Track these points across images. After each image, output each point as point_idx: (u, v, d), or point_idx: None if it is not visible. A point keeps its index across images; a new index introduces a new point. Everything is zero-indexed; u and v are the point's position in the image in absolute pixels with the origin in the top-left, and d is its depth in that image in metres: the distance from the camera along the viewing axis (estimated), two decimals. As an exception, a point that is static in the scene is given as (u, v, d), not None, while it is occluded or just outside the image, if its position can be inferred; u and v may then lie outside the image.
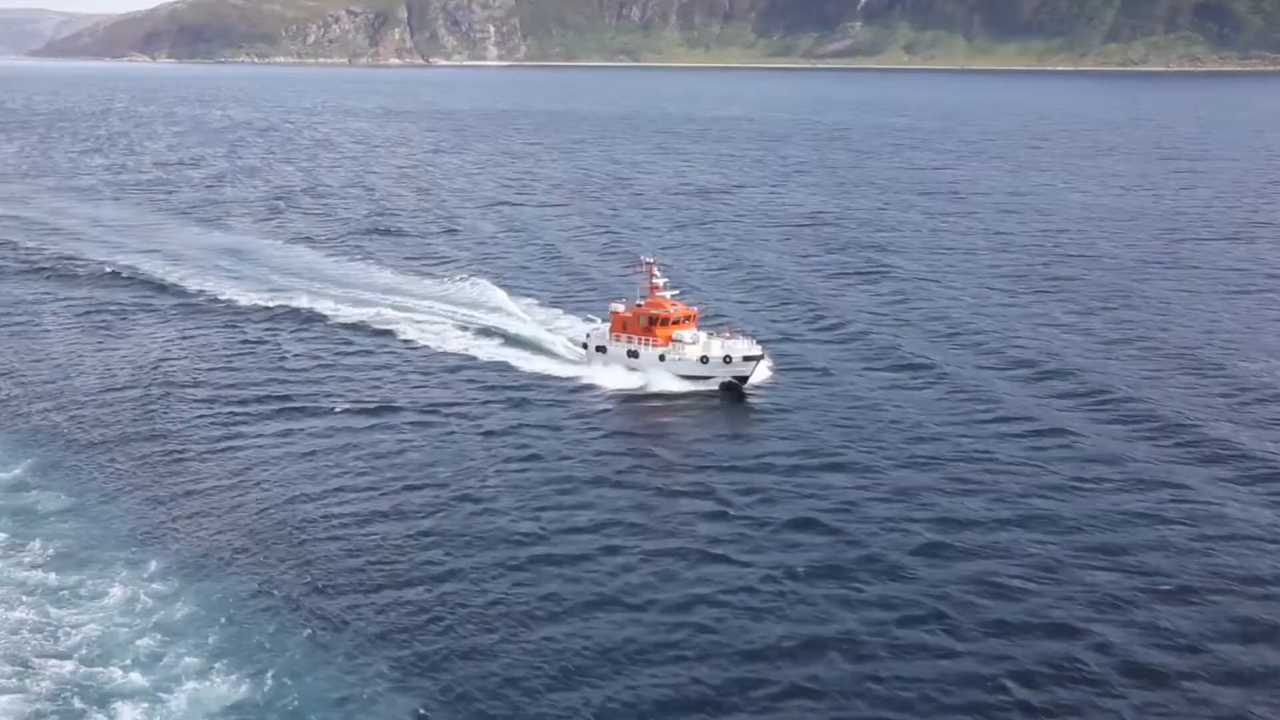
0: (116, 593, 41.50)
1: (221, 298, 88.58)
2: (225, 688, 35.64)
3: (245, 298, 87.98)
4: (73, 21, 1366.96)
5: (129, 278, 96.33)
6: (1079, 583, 42.39)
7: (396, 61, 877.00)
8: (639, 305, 70.18)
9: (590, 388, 66.19)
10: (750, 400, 64.56)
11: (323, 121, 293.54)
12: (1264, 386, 66.31)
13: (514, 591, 41.82)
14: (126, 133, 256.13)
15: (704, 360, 66.06)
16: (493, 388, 66.13)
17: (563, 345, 73.62)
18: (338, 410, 62.22)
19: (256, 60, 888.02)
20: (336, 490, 51.29)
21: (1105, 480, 52.03)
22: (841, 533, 46.51)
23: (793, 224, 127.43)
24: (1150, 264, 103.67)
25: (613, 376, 67.37)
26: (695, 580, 42.60)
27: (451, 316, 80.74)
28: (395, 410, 62.36)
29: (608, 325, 71.06)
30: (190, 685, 35.74)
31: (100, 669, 36.64)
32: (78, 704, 34.82)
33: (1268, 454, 55.34)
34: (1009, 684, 35.98)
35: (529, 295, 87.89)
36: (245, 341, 76.75)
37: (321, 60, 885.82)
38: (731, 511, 48.68)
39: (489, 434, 58.41)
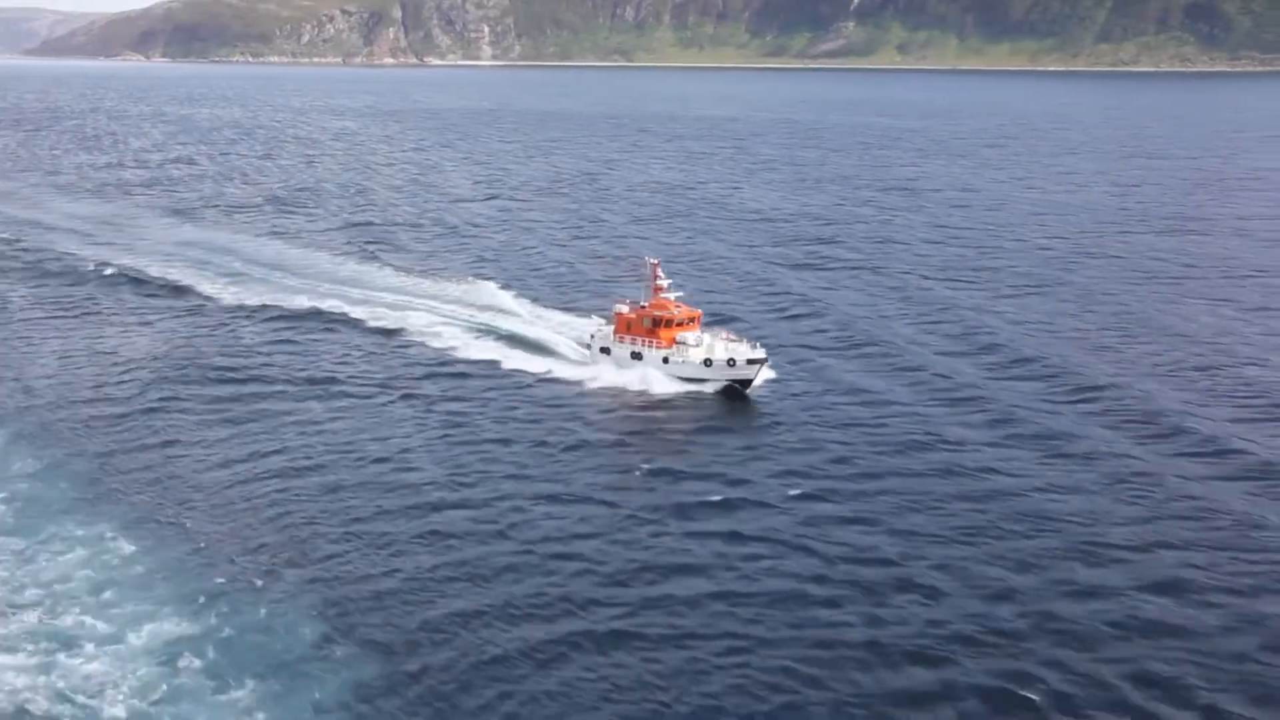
0: (80, 551, 45.22)
1: (201, 293, 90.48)
2: (175, 630, 39.25)
3: (224, 294, 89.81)
4: (68, 20, 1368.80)
5: (101, 271, 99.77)
6: (1077, 584, 42.28)
7: (391, 61, 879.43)
8: (643, 307, 69.49)
9: (593, 389, 65.75)
10: (753, 403, 63.82)
11: (308, 120, 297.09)
12: (1150, 359, 70.67)
13: (510, 591, 41.56)
14: (113, 131, 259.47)
15: (707, 363, 65.34)
16: (495, 388, 65.84)
17: (566, 346, 72.85)
18: (336, 408, 62.27)
19: (251, 60, 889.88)
20: (333, 488, 51.25)
21: (1101, 476, 52.22)
22: (843, 542, 45.82)
23: (750, 219, 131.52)
24: (1081, 254, 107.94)
25: (616, 378, 66.71)
26: (695, 582, 42.30)
27: (453, 316, 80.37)
28: (394, 410, 62.18)
29: (612, 326, 70.52)
30: (146, 628, 39.36)
31: (61, 617, 40.05)
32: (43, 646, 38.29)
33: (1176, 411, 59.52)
34: (1009, 687, 35.75)
35: (528, 294, 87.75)
36: (238, 338, 77.76)
37: (316, 60, 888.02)
38: (732, 514, 48.30)
39: (490, 434, 58.10)
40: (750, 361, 64.58)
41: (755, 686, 35.92)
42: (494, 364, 70.13)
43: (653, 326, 67.95)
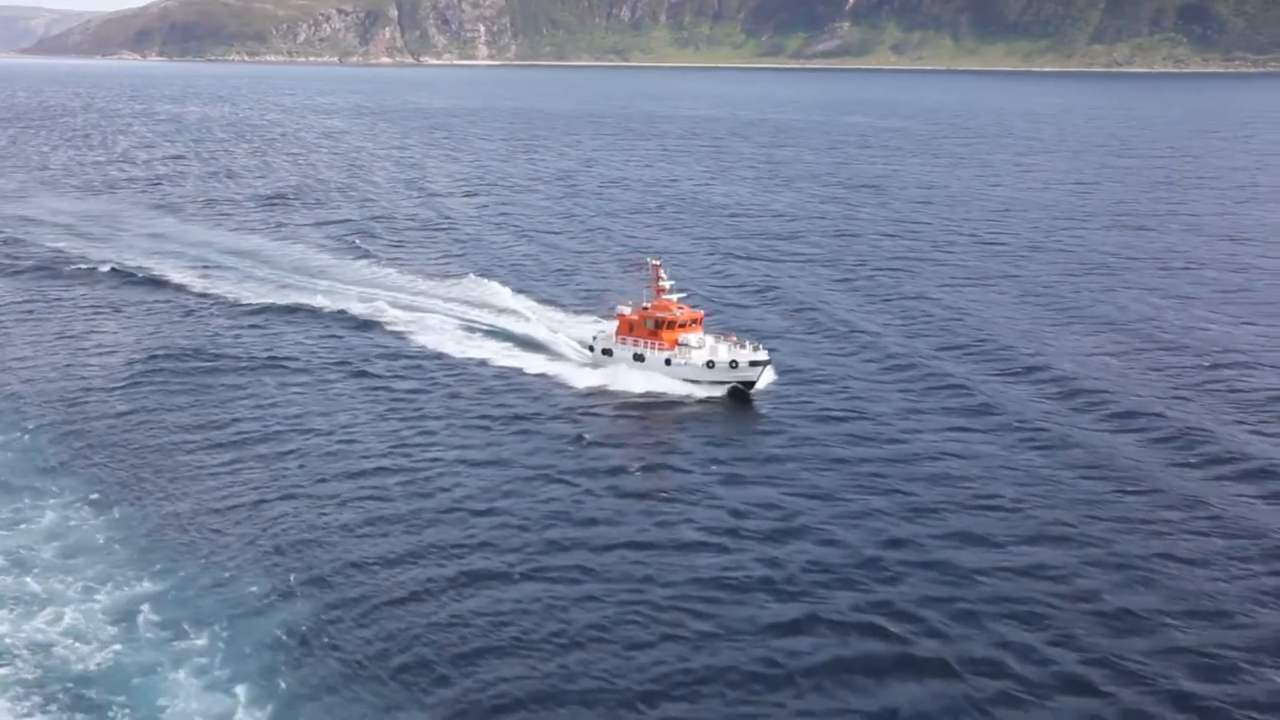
0: (50, 517, 48.52)
1: (176, 285, 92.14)
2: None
3: (196, 284, 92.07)
4: (65, 19, 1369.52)
5: (81, 264, 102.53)
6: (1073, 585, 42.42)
7: (387, 60, 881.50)
8: (645, 308, 69.09)
9: (595, 391, 65.32)
10: (755, 406, 63.47)
11: (296, 119, 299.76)
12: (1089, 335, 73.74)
13: (505, 591, 41.88)
14: (103, 128, 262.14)
15: (710, 365, 64.81)
16: (496, 389, 65.62)
17: (568, 347, 72.46)
18: (333, 407, 62.46)
19: (247, 59, 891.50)
20: (329, 486, 51.55)
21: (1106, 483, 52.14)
22: (845, 545, 45.76)
23: (715, 214, 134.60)
24: (1030, 249, 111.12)
25: (618, 380, 66.12)
26: (693, 585, 42.25)
27: (454, 315, 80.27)
28: (393, 409, 62.13)
29: (614, 327, 70.09)
30: (109, 588, 42.52)
31: (32, 580, 43.05)
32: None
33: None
34: (1008, 691, 35.92)
35: (527, 293, 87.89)
36: (212, 327, 79.19)
37: (312, 59, 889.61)
38: (732, 518, 48.02)
39: (490, 435, 57.99)
40: (753, 363, 63.99)
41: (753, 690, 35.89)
42: (494, 364, 69.79)
43: (655, 328, 67.37)
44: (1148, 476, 52.73)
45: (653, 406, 63.68)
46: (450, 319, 79.90)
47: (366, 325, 79.58)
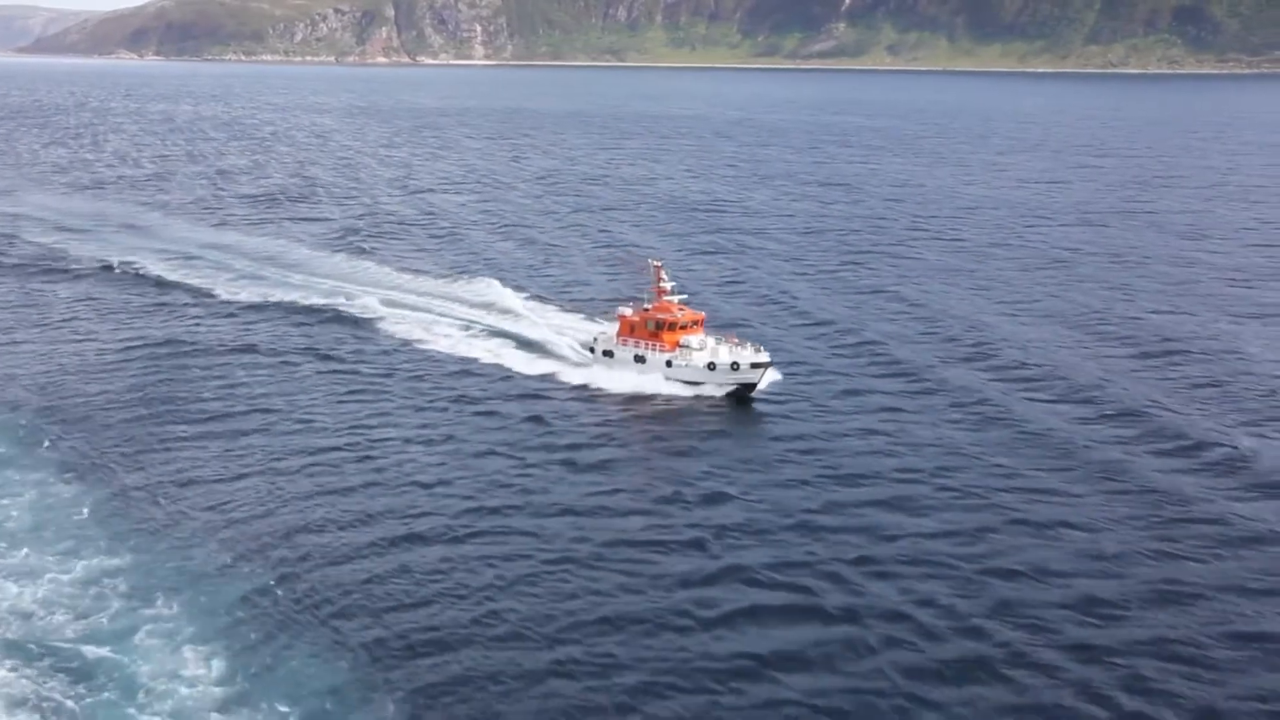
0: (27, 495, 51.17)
1: (164, 280, 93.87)
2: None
3: (178, 278, 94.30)
4: (62, 18, 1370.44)
5: (62, 259, 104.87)
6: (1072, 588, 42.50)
7: (384, 60, 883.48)
8: (646, 309, 68.74)
9: (596, 393, 64.93)
10: (757, 408, 63.25)
11: (287, 118, 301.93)
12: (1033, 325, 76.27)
13: (501, 592, 41.97)
14: (94, 126, 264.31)
15: (711, 367, 64.39)
16: (496, 390, 65.38)
17: (569, 348, 71.95)
18: (330, 407, 62.51)
19: (244, 58, 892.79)
20: (325, 485, 51.88)
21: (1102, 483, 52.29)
22: (844, 545, 45.70)
23: (687, 210, 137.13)
24: (993, 244, 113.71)
25: (619, 382, 65.72)
26: (692, 589, 42.23)
27: (453, 315, 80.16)
28: (391, 409, 62.25)
29: (615, 329, 69.82)
30: (80, 560, 45.24)
31: (7, 554, 45.54)
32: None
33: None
34: (1007, 692, 35.90)
35: (525, 292, 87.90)
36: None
37: (309, 59, 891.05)
38: (732, 522, 47.80)
39: (490, 436, 57.94)
40: (754, 365, 63.61)
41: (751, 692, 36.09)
42: (493, 365, 69.74)
43: (656, 329, 67.02)
44: (1071, 446, 55.39)
45: (652, 408, 63.24)
46: (449, 319, 79.44)
47: (357, 322, 79.84)
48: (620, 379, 66.08)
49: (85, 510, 49.19)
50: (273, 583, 42.73)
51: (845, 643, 38.51)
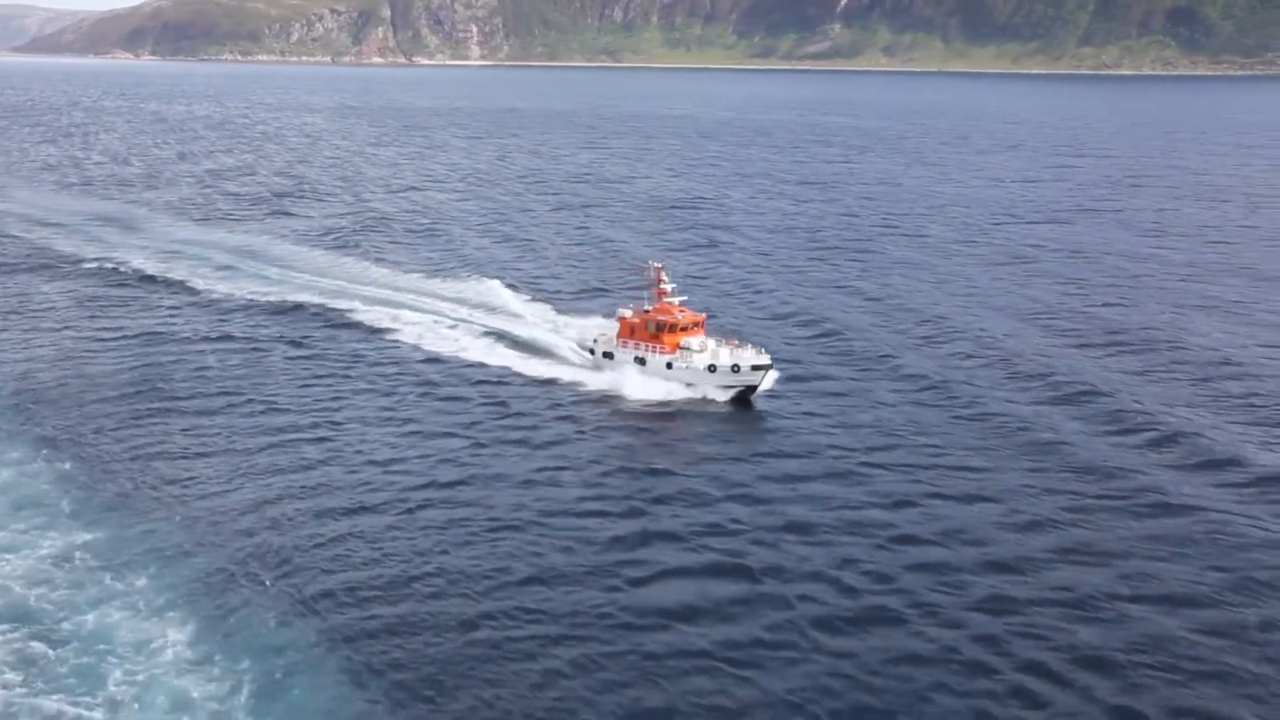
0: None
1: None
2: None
3: (164, 276, 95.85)
4: (59, 18, 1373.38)
5: (44, 254, 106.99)
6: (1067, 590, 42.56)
7: (380, 60, 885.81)
8: (646, 311, 68.22)
9: (595, 394, 64.61)
10: (757, 410, 63.07)
11: (278, 117, 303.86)
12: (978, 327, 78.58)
13: (496, 595, 42.11)
14: (84, 125, 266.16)
15: (712, 369, 64.05)
16: (496, 392, 65.13)
17: (569, 349, 71.69)
18: (329, 407, 62.51)
19: (240, 58, 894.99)
20: (323, 486, 51.94)
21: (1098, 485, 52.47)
22: (843, 548, 45.79)
23: (660, 208, 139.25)
24: (962, 241, 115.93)
25: (619, 383, 65.29)
26: (690, 592, 42.19)
27: (457, 316, 79.91)
28: (390, 410, 62.23)
29: (615, 330, 69.43)
30: (52, 536, 47.51)
31: None
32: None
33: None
34: (1006, 697, 35.98)
35: (527, 294, 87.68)
36: (228, 336, 78.90)
37: (305, 59, 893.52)
38: (732, 526, 47.66)
39: (489, 438, 57.82)
40: (755, 367, 63.27)
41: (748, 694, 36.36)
42: (492, 366, 69.53)
43: (656, 331, 66.62)
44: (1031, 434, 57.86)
45: (652, 410, 63.11)
46: (446, 320, 79.25)
47: (348, 322, 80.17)
48: (620, 381, 65.34)
49: (60, 489, 51.41)
50: (234, 554, 45.12)
51: (845, 642, 38.85)
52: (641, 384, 65.04)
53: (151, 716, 35.08)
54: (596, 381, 66.34)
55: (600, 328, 73.51)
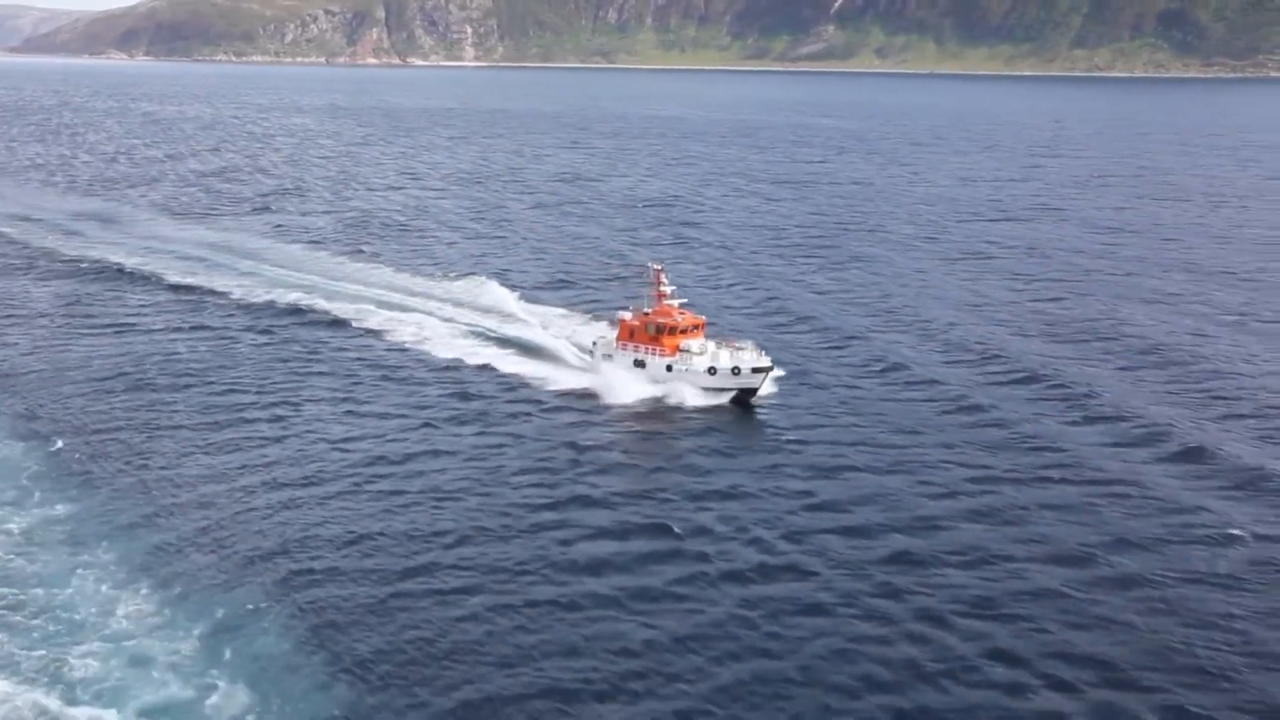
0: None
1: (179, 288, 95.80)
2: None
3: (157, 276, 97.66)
4: (54, 18, 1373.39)
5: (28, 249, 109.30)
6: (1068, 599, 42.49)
7: (374, 61, 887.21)
8: (646, 313, 67.91)
9: (595, 398, 64.37)
10: (757, 413, 62.94)
11: (267, 118, 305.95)
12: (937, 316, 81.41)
13: (492, 595, 42.16)
14: (73, 125, 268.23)
15: (712, 371, 63.81)
16: (492, 393, 65.10)
17: (569, 352, 71.45)
18: (327, 409, 62.62)
19: (234, 59, 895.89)
20: (322, 487, 52.20)
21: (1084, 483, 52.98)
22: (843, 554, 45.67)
23: (633, 206, 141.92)
24: (922, 239, 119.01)
25: (618, 386, 64.99)
26: (688, 596, 42.11)
27: (450, 317, 79.93)
28: (389, 411, 62.28)
29: (615, 333, 69.18)
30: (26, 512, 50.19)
31: None
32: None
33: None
34: (1003, 700, 36.10)
35: (527, 296, 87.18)
36: (199, 326, 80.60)
37: (299, 59, 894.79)
38: (732, 529, 47.50)
39: (488, 441, 57.68)
40: (756, 370, 63.14)
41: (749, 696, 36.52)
42: (491, 368, 69.43)
43: (656, 334, 66.36)
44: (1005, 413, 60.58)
45: (652, 413, 62.97)
46: (445, 321, 79.14)
47: (343, 322, 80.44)
48: (619, 384, 65.17)
49: (27, 469, 54.13)
50: (188, 526, 48.08)
51: (851, 642, 39.23)
52: (640, 387, 64.74)
53: (116, 674, 37.60)
54: (590, 383, 66.01)
55: (587, 327, 74.64)
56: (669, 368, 65.27)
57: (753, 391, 63.57)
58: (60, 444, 57.12)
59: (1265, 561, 44.60)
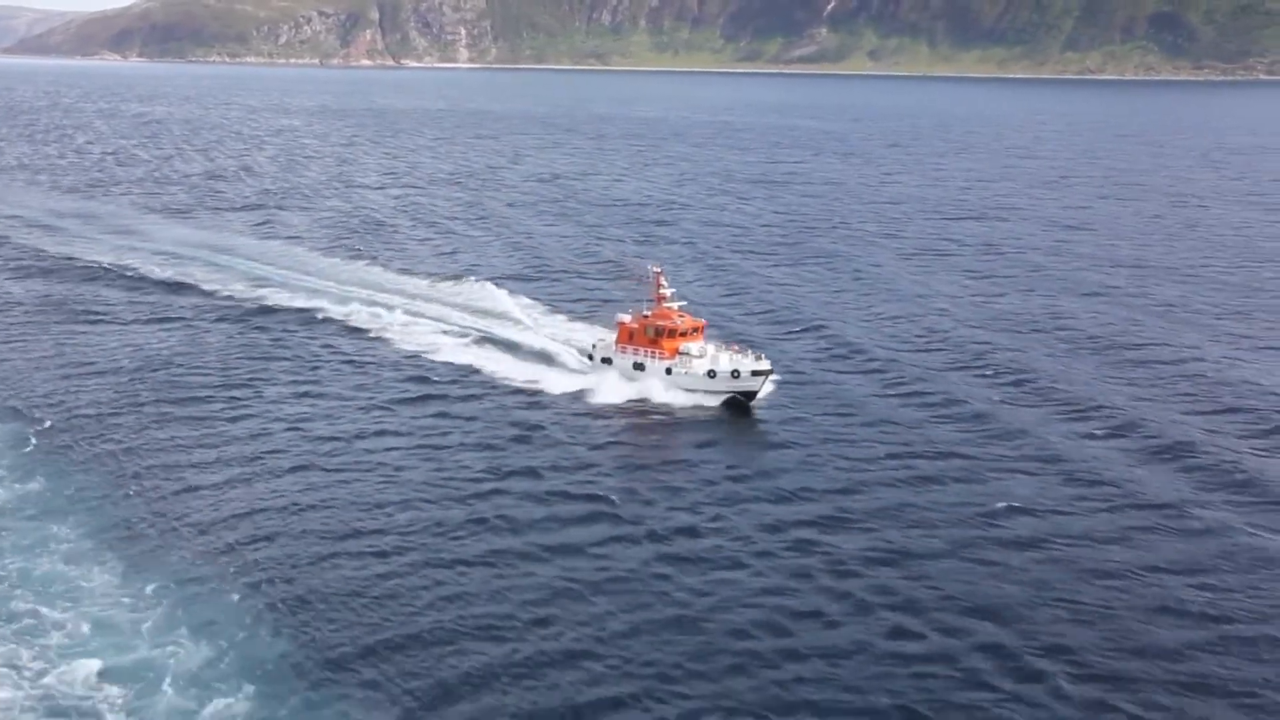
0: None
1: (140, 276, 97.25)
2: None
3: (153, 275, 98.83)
4: (47, 19, 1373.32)
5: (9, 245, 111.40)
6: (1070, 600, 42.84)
7: (368, 62, 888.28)
8: (645, 316, 67.95)
9: (595, 400, 64.15)
10: (756, 416, 62.92)
11: (256, 119, 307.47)
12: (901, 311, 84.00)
13: (490, 597, 42.45)
14: (62, 125, 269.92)
15: (711, 374, 63.81)
16: (492, 396, 64.92)
17: (568, 354, 71.33)
18: (326, 411, 62.65)
19: (228, 60, 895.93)
20: (320, 487, 52.39)
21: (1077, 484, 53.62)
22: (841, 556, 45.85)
23: (614, 205, 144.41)
24: (884, 236, 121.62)
25: (618, 389, 64.90)
26: (686, 600, 42.25)
27: (450, 320, 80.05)
28: (388, 412, 62.39)
29: (614, 336, 69.08)
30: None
31: None
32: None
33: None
34: (1003, 702, 36.35)
35: (528, 299, 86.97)
36: (172, 319, 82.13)
37: (293, 61, 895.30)
38: (732, 532, 47.55)
39: (487, 443, 57.54)
40: (755, 373, 63.03)
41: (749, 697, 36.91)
42: (490, 371, 69.21)
43: (656, 336, 66.41)
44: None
45: (651, 415, 62.98)
46: (445, 323, 79.36)
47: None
48: (619, 387, 65.28)
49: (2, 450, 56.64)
50: (152, 500, 50.92)
51: (853, 640, 39.90)
52: (640, 390, 64.82)
53: (85, 636, 40.11)
54: (587, 386, 65.96)
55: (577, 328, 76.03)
56: (668, 371, 65.28)
57: (752, 394, 63.50)
58: (29, 426, 59.37)
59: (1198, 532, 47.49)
